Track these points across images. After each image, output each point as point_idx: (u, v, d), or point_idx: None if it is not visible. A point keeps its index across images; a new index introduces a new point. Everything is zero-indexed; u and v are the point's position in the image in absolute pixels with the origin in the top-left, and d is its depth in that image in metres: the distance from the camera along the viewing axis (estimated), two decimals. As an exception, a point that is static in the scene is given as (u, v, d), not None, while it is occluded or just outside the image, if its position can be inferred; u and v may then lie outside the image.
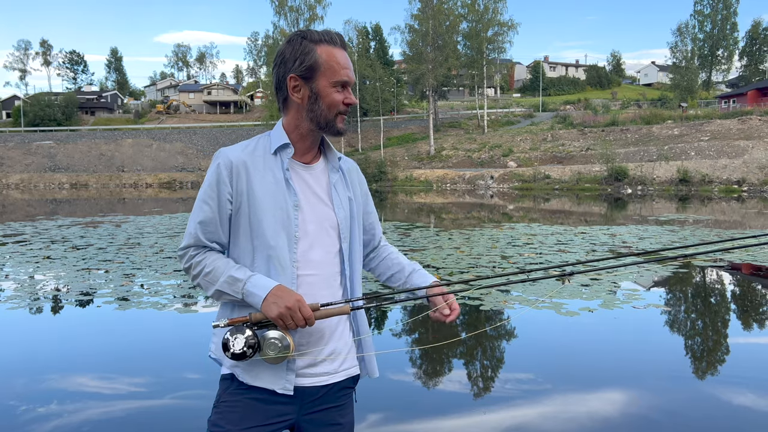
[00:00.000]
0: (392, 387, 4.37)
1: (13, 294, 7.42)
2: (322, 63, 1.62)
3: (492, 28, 55.10)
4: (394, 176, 45.60)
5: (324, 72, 1.62)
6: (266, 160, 1.66)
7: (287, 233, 1.64)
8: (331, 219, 1.71)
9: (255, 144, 1.70)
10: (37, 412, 3.85)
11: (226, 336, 1.54)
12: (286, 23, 54.16)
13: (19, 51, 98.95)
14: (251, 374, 1.64)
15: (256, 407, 1.64)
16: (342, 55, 1.64)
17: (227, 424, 1.62)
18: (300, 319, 1.54)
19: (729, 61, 73.50)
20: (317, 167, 1.74)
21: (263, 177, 1.64)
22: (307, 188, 1.70)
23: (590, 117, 53.36)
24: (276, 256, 1.62)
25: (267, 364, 1.63)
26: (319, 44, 1.62)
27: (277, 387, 1.63)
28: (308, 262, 1.67)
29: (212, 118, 79.02)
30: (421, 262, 9.54)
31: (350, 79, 1.66)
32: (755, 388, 4.34)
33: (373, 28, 75.74)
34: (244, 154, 1.66)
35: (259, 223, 1.63)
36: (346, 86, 1.66)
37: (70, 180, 55.20)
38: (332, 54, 1.62)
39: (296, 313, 1.53)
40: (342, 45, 1.66)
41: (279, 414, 1.66)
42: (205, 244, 1.66)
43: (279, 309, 1.53)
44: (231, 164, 1.63)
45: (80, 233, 14.36)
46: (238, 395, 1.65)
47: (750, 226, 15.74)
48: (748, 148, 36.03)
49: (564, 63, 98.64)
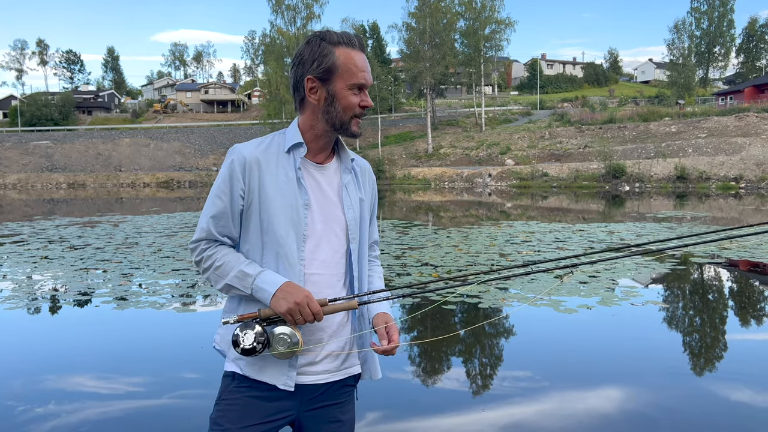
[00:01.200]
0: (391, 385, 4.37)
1: (11, 294, 7.40)
2: (340, 65, 1.62)
3: (489, 26, 55.10)
4: (392, 174, 45.64)
5: (341, 74, 1.63)
6: (279, 158, 1.69)
7: (296, 231, 1.66)
8: (339, 220, 1.73)
9: (270, 141, 1.72)
10: (35, 412, 3.84)
11: (236, 332, 1.56)
12: (284, 22, 54.06)
13: (16, 50, 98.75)
14: (255, 368, 1.67)
15: (255, 405, 1.66)
16: (360, 58, 1.65)
17: (227, 422, 1.64)
18: (309, 315, 1.56)
19: (726, 58, 73.68)
20: (330, 167, 1.75)
21: (276, 175, 1.66)
22: (318, 188, 1.71)
23: (588, 114, 53.38)
24: (285, 253, 1.65)
25: (272, 359, 1.64)
26: (338, 46, 1.63)
27: (279, 383, 1.65)
28: (315, 261, 1.68)
29: (210, 117, 78.89)
30: (419, 261, 9.54)
31: (367, 81, 1.66)
32: (753, 384, 4.35)
33: (371, 26, 75.80)
34: (258, 151, 1.68)
35: (270, 220, 1.65)
36: (363, 89, 1.66)
37: (67, 180, 55.09)
38: (350, 56, 1.63)
39: (305, 308, 1.55)
40: (360, 47, 1.66)
41: (278, 411, 1.67)
42: (216, 238, 1.68)
43: (288, 304, 1.55)
44: (244, 160, 1.65)
45: (78, 233, 14.34)
46: (238, 393, 1.67)
47: (747, 222, 15.77)
48: (746, 144, 36.09)
49: (561, 60, 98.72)
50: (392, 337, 1.68)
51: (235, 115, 79.07)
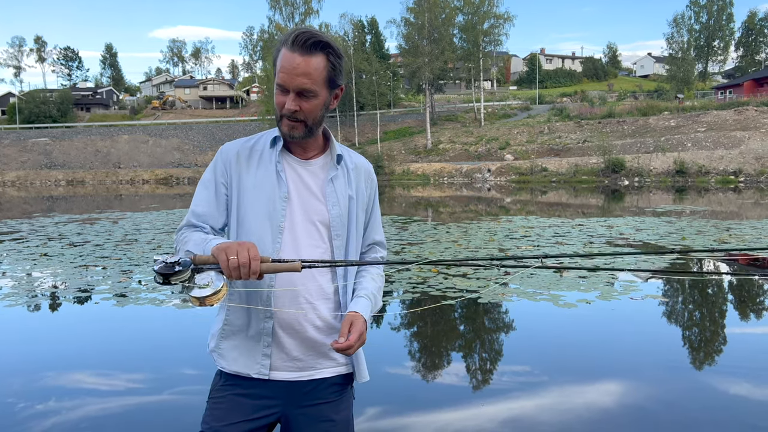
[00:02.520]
0: (390, 380, 4.38)
1: (10, 291, 7.40)
2: (277, 64, 1.61)
3: (488, 21, 55.02)
4: (391, 170, 45.61)
5: (276, 73, 1.62)
6: (263, 153, 1.71)
7: (272, 224, 1.65)
8: (321, 214, 1.69)
9: (257, 138, 1.76)
10: (35, 409, 3.85)
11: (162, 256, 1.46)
12: (282, 18, 53.97)
13: (14, 47, 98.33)
14: (227, 360, 1.70)
15: (239, 402, 1.67)
16: (289, 59, 1.56)
17: (213, 420, 1.66)
18: (244, 256, 1.42)
19: (725, 52, 73.58)
20: (315, 163, 1.73)
21: (256, 169, 1.69)
22: (300, 182, 1.70)
23: (587, 109, 53.36)
24: (258, 244, 1.59)
25: (242, 350, 1.66)
26: (283, 45, 1.60)
27: (253, 371, 1.66)
28: (291, 254, 1.65)
29: (208, 113, 78.79)
30: (419, 256, 9.54)
31: (284, 83, 1.57)
32: (752, 378, 4.36)
33: (369, 21, 75.51)
34: (242, 147, 1.73)
35: (245, 213, 1.67)
36: (286, 91, 1.59)
37: (66, 177, 55.06)
38: (283, 56, 1.58)
39: (243, 250, 1.43)
40: (301, 48, 1.55)
41: (263, 408, 1.67)
42: (195, 223, 1.70)
43: (228, 245, 1.45)
44: (227, 155, 1.72)
45: (77, 230, 14.33)
46: (224, 391, 1.69)
47: (747, 216, 15.78)
48: (745, 138, 36.10)
49: (560, 55, 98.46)
50: (351, 337, 1.57)
51: (233, 112, 78.93)
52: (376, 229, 1.89)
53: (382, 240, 1.92)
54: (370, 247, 1.89)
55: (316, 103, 1.61)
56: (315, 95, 1.60)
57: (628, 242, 10.85)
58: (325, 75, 1.60)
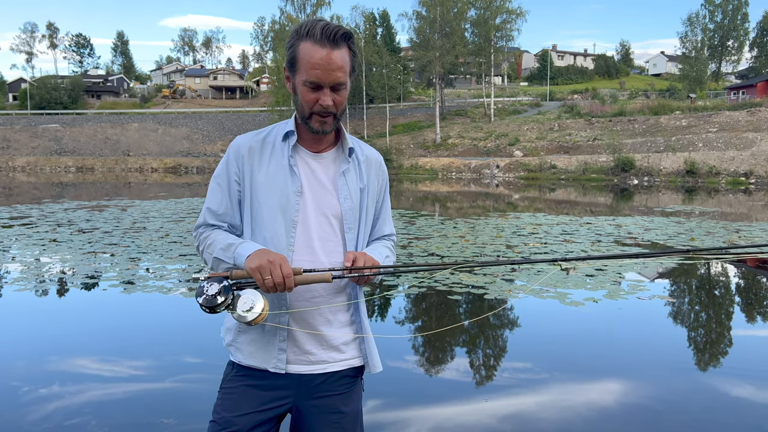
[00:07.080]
0: (393, 374, 4.38)
1: (19, 276, 7.46)
2: (300, 59, 1.58)
3: (500, 16, 54.66)
4: (399, 164, 45.55)
5: (300, 69, 1.59)
6: (275, 146, 1.70)
7: (285, 218, 1.65)
8: (333, 207, 1.69)
9: (269, 131, 1.74)
10: (39, 393, 3.88)
11: (202, 284, 1.55)
12: (293, 8, 53.85)
13: (26, 33, 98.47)
14: (244, 353, 1.69)
15: (251, 393, 1.67)
16: (320, 54, 1.54)
17: (223, 410, 1.67)
18: (278, 275, 1.50)
19: (739, 52, 72.79)
20: (327, 156, 1.73)
21: (269, 162, 1.68)
22: (313, 175, 1.70)
23: (597, 107, 52.99)
24: (272, 237, 1.64)
25: (259, 344, 1.66)
26: (303, 39, 1.57)
27: (270, 366, 1.66)
28: (305, 248, 1.66)
29: (218, 103, 78.90)
30: (426, 250, 9.53)
31: (320, 80, 1.56)
32: (756, 380, 4.33)
33: (381, 14, 75.27)
34: (254, 140, 1.71)
35: (259, 207, 1.67)
36: (319, 87, 1.58)
37: (76, 163, 55.34)
38: (309, 51, 1.56)
39: (276, 268, 1.50)
40: (328, 42, 1.54)
41: (274, 399, 1.68)
42: (213, 223, 1.72)
43: (260, 261, 1.52)
44: (238, 149, 1.70)
45: (86, 217, 14.41)
46: (236, 382, 1.70)
47: (757, 218, 15.66)
48: (757, 140, 35.78)
49: (572, 52, 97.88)
50: (356, 261, 1.61)
51: (243, 102, 78.99)
52: (386, 222, 1.89)
53: (392, 233, 1.92)
54: (380, 241, 1.89)
55: (345, 94, 1.64)
56: (345, 87, 1.62)
57: (636, 242, 10.79)
58: (351, 65, 1.62)
